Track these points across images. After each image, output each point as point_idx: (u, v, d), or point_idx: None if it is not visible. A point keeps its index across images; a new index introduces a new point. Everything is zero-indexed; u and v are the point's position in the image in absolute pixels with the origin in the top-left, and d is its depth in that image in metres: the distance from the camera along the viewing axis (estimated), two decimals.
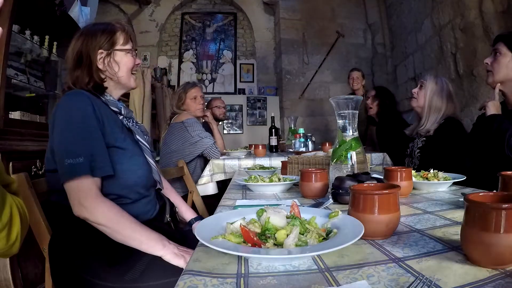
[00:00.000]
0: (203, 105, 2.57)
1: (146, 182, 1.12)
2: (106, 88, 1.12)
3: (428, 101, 1.85)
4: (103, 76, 1.11)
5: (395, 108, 2.94)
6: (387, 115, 2.80)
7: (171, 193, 1.38)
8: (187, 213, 1.38)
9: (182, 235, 1.27)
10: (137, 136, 1.13)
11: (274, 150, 3.11)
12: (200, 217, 1.38)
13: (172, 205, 1.27)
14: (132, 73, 1.16)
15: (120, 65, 1.12)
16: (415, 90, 1.93)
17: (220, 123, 3.47)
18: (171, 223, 1.23)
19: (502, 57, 1.47)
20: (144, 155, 1.14)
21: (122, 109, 1.13)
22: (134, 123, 1.17)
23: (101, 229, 0.94)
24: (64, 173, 0.95)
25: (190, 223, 1.35)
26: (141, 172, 1.09)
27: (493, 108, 1.49)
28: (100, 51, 1.08)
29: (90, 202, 0.93)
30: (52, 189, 1.05)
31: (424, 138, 1.88)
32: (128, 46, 1.14)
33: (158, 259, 0.96)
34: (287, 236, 0.55)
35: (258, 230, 0.58)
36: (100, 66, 1.09)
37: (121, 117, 1.13)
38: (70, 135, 0.97)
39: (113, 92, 1.16)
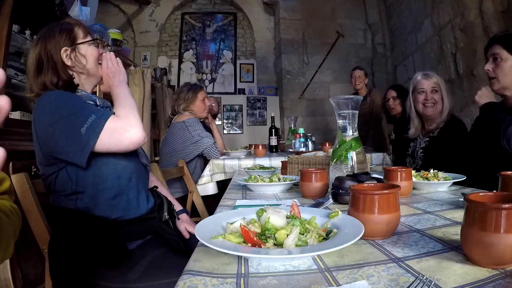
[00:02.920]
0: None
1: (135, 166, 1.11)
2: (77, 85, 1.13)
3: (445, 101, 1.77)
4: (71, 73, 1.11)
5: None
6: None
7: (163, 191, 1.38)
8: (175, 206, 1.39)
9: (180, 234, 1.28)
10: None
11: (274, 150, 3.11)
12: (184, 210, 1.38)
13: (169, 203, 1.27)
14: (99, 63, 1.17)
15: (87, 57, 1.13)
16: (429, 96, 1.78)
17: (220, 123, 3.48)
18: (169, 221, 1.23)
19: (503, 62, 1.41)
20: None
21: (97, 100, 1.14)
22: (112, 112, 1.18)
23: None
24: (90, 138, 0.94)
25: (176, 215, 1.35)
26: (128, 156, 1.08)
27: (484, 97, 1.46)
28: (64, 49, 1.09)
29: (122, 125, 0.99)
30: (49, 191, 1.05)
31: (428, 139, 1.82)
32: (88, 38, 1.15)
33: (159, 259, 0.96)
34: (287, 236, 0.55)
35: (258, 230, 0.58)
36: (69, 63, 1.10)
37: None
38: (67, 115, 0.96)
39: (86, 87, 1.17)
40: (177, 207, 1.37)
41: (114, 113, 1.02)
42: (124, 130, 0.98)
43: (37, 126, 0.99)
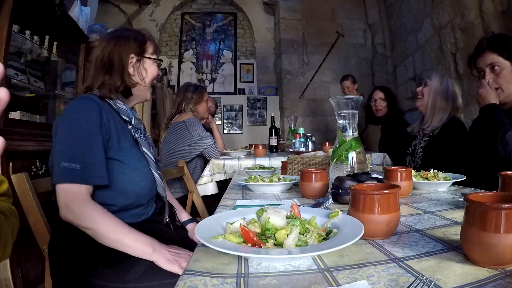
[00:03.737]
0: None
1: (149, 193, 1.12)
2: (132, 94, 1.15)
3: (432, 100, 1.82)
4: (133, 82, 1.13)
5: (398, 106, 2.94)
6: (395, 114, 2.78)
7: (169, 197, 1.38)
8: (181, 214, 1.38)
9: (182, 237, 1.27)
10: (143, 148, 1.13)
11: (274, 150, 3.11)
12: (194, 219, 1.38)
13: (171, 207, 1.27)
14: (153, 82, 1.21)
15: (147, 73, 1.16)
16: (419, 89, 1.90)
17: (220, 123, 3.49)
18: (170, 225, 1.22)
19: (503, 70, 1.36)
20: (149, 167, 1.13)
21: (133, 119, 1.14)
22: (141, 135, 1.18)
23: (88, 232, 0.94)
24: (58, 175, 0.94)
25: (183, 225, 1.34)
26: (144, 183, 1.09)
27: (485, 99, 1.39)
28: (131, 55, 1.11)
29: (77, 206, 0.92)
30: (54, 189, 1.05)
31: (427, 138, 1.86)
32: (155, 57, 1.19)
33: None
34: (287, 236, 0.55)
35: (258, 230, 0.58)
36: (130, 71, 1.12)
37: (130, 126, 1.13)
38: (71, 138, 0.97)
39: (128, 101, 1.18)
40: (185, 216, 1.38)
41: (94, 186, 0.96)
42: (64, 201, 0.93)
43: (56, 122, 1.02)
